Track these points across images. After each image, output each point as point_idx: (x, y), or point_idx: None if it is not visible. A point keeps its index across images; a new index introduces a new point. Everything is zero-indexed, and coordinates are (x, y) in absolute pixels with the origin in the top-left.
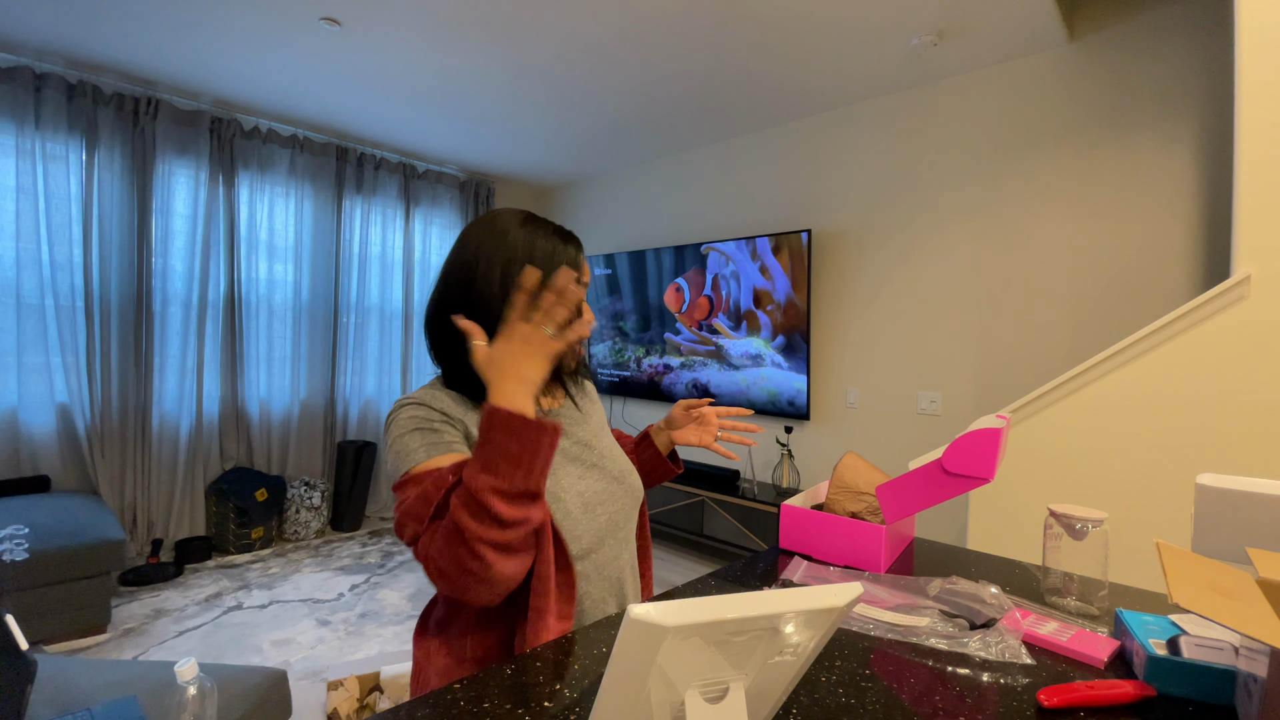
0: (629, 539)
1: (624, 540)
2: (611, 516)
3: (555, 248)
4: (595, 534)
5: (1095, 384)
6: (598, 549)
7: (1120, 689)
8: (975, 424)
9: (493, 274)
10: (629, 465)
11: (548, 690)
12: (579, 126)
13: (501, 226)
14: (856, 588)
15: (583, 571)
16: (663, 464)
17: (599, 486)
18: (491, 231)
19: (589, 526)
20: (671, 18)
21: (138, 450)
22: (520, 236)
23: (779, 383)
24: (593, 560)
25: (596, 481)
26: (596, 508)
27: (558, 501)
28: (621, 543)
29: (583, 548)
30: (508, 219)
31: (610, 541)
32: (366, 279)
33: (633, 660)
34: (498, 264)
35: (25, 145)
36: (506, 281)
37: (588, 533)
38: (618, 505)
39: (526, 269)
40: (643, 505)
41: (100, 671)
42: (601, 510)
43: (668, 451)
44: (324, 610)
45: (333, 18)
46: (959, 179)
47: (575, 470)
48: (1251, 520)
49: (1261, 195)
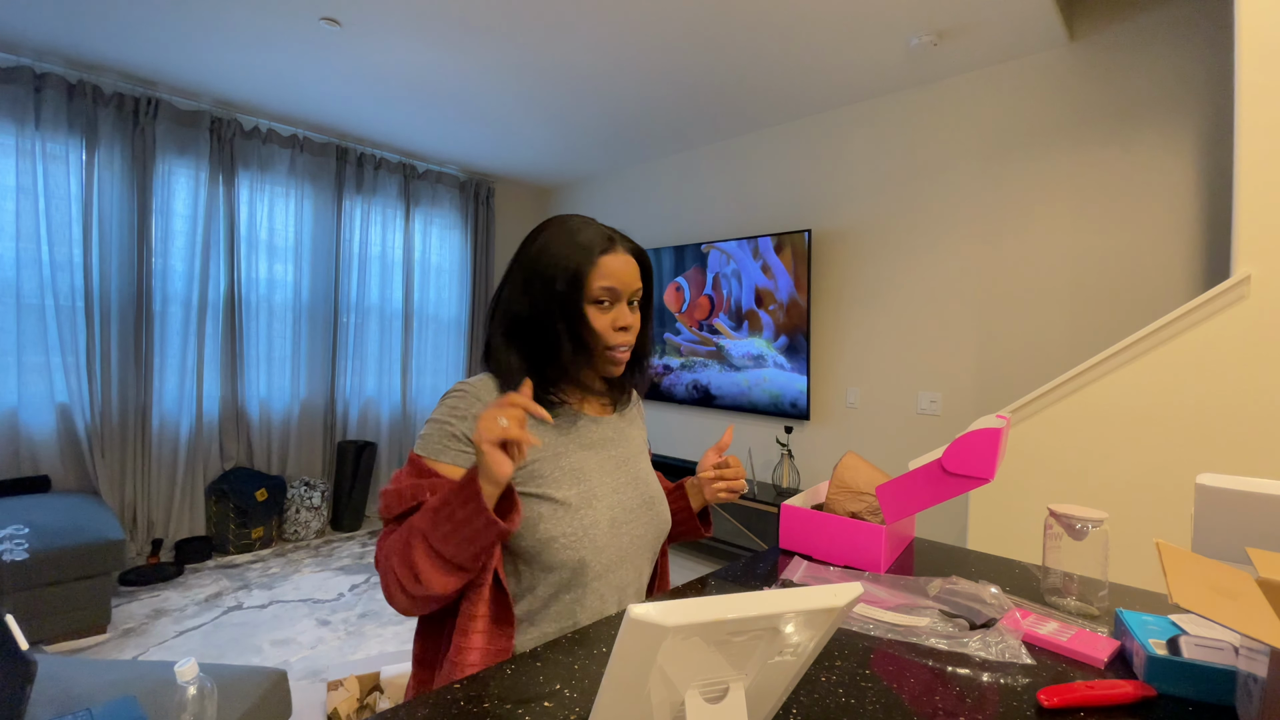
0: (645, 567)
1: (642, 568)
2: (635, 540)
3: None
4: (617, 552)
5: (1095, 384)
6: (618, 568)
7: (1120, 689)
8: (975, 424)
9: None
10: (661, 494)
11: (548, 690)
12: (579, 126)
13: (585, 240)
14: (856, 588)
15: (597, 588)
16: (690, 520)
17: (631, 506)
18: (572, 241)
19: (614, 543)
20: (671, 18)
21: (138, 450)
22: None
23: (781, 384)
24: (611, 580)
25: (629, 500)
26: (623, 526)
27: (589, 508)
28: (639, 570)
29: (603, 564)
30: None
31: (631, 564)
32: (366, 279)
33: (633, 660)
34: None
35: (25, 145)
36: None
37: (611, 548)
38: (643, 530)
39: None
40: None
41: (100, 671)
42: (626, 531)
43: (699, 508)
44: (324, 610)
45: (333, 18)
46: (959, 179)
47: (610, 482)
48: (1251, 520)
49: (1261, 195)
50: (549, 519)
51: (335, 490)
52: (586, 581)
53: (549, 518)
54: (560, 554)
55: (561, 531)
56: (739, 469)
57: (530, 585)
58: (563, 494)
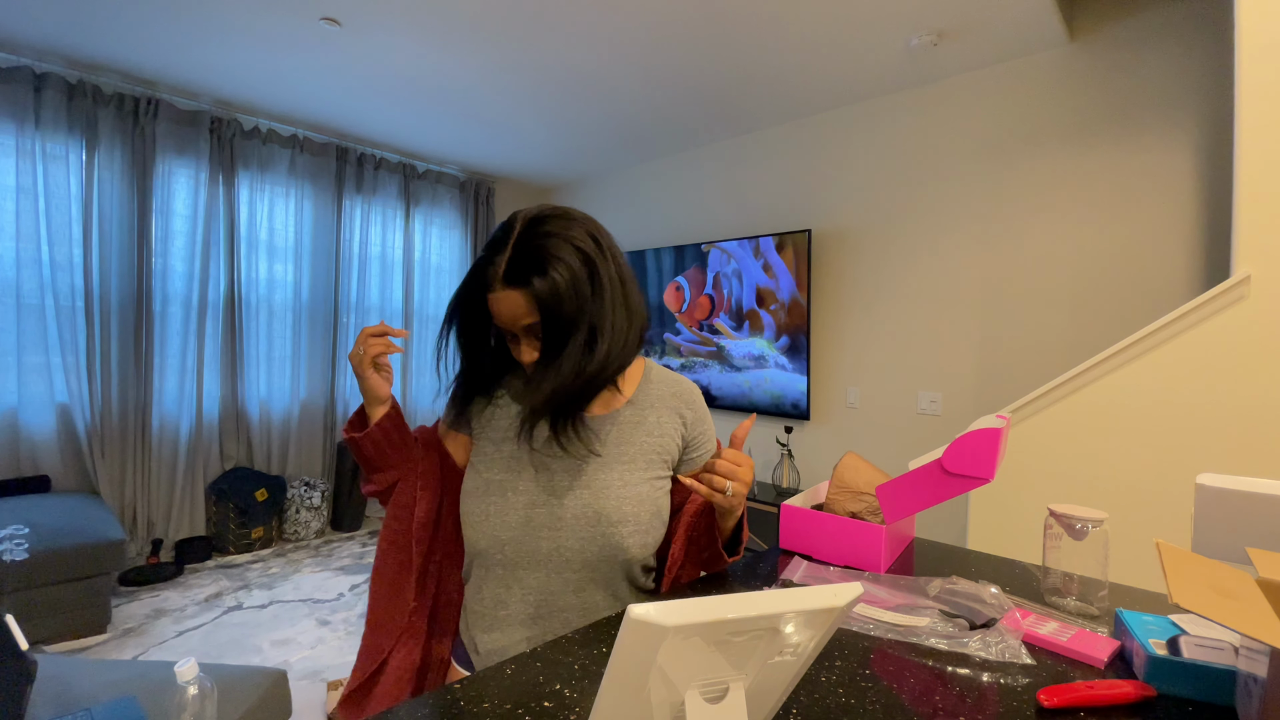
0: (585, 584)
1: (573, 582)
2: (559, 548)
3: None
4: (529, 554)
5: (1095, 384)
6: (527, 569)
7: (1120, 689)
8: (975, 424)
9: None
10: (624, 514)
11: (548, 690)
12: (579, 126)
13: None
14: (856, 588)
15: (502, 579)
16: (711, 547)
17: (561, 512)
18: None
19: (523, 542)
20: (672, 17)
21: (138, 450)
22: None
23: (783, 385)
24: (516, 576)
25: (561, 506)
26: (543, 530)
27: (501, 497)
28: (568, 582)
29: (505, 556)
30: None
31: (549, 573)
32: (366, 279)
33: (633, 660)
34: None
35: (25, 145)
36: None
37: (515, 544)
38: (572, 542)
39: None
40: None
41: (100, 671)
42: (548, 536)
43: (726, 536)
44: (324, 610)
45: (333, 18)
46: (958, 179)
47: (545, 482)
48: (1251, 520)
49: (1261, 195)
50: (469, 494)
51: (335, 490)
52: (488, 567)
53: (470, 492)
54: (467, 529)
55: (471, 509)
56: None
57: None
58: (486, 474)
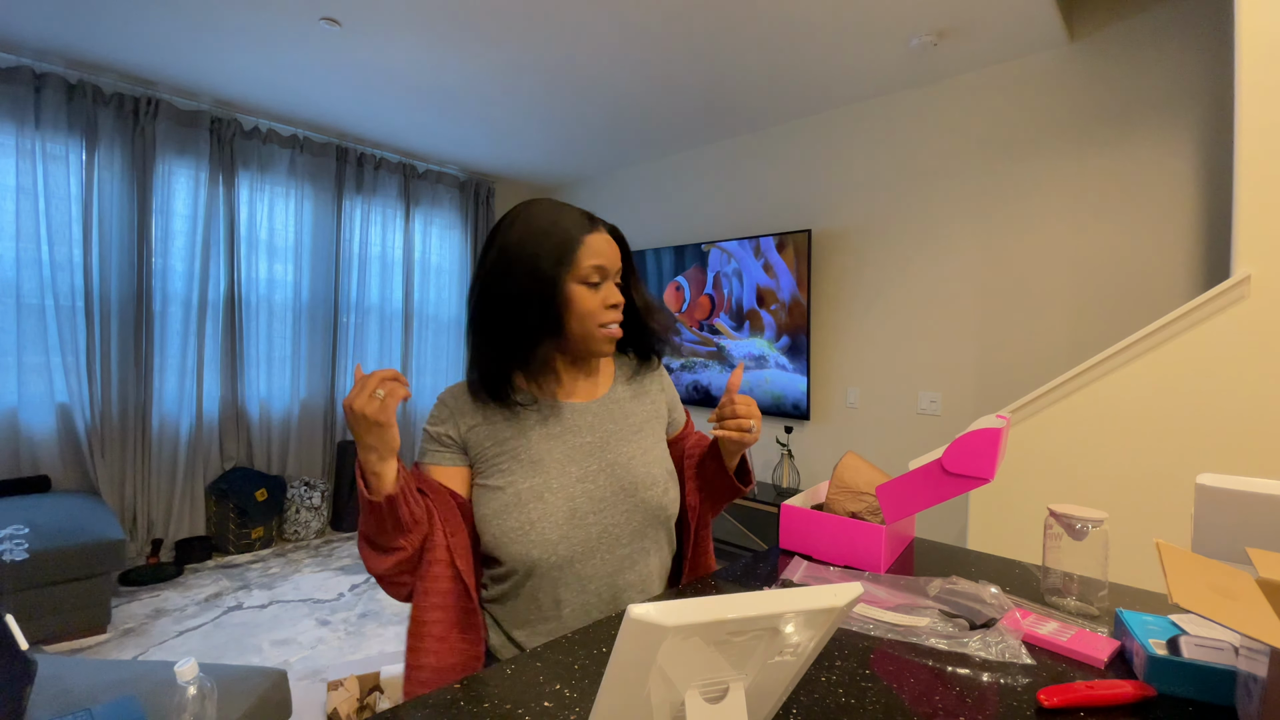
0: (637, 556)
1: (627, 557)
2: (607, 528)
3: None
4: (581, 544)
5: (1095, 384)
6: (583, 560)
7: (1120, 689)
8: (975, 424)
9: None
10: (653, 477)
11: (548, 690)
12: (579, 126)
13: (568, 220)
14: (856, 588)
15: (561, 579)
16: (723, 478)
17: (601, 495)
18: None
19: (573, 535)
20: (672, 17)
21: (138, 450)
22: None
23: (784, 385)
24: (574, 570)
25: (600, 488)
26: (589, 516)
27: (540, 501)
28: (622, 560)
29: (560, 556)
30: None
31: (604, 555)
32: (366, 279)
33: (633, 660)
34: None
35: (25, 145)
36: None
37: (568, 540)
38: (617, 518)
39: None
40: (697, 521)
41: (100, 671)
42: (595, 520)
43: (734, 463)
44: (324, 610)
45: (333, 18)
46: (959, 179)
47: (575, 471)
48: (1251, 520)
49: (1261, 195)
50: (501, 513)
51: (335, 490)
52: (543, 573)
53: (500, 511)
54: (509, 547)
55: (511, 525)
56: (743, 407)
57: (497, 576)
58: (514, 487)
